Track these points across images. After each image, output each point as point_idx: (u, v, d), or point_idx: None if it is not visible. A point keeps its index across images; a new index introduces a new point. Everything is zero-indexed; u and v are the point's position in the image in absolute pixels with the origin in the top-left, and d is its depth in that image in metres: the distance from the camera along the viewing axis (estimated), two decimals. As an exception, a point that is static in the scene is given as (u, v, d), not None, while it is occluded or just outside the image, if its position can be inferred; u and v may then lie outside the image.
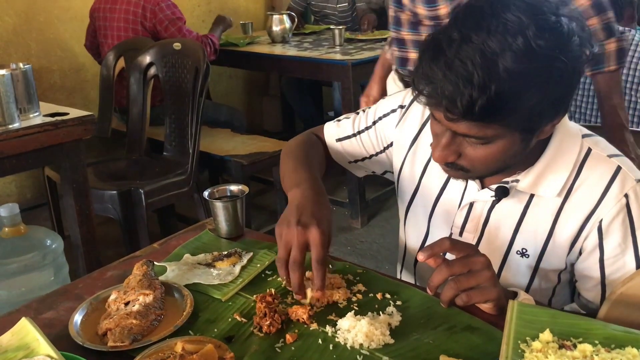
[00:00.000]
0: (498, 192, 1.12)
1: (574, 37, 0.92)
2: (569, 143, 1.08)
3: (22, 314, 1.00)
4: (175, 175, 2.77)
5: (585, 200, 1.07)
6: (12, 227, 2.01)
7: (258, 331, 1.00)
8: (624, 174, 1.06)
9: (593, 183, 1.07)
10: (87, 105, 3.76)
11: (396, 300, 1.07)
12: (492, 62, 0.88)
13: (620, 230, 1.06)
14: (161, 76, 2.90)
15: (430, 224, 1.25)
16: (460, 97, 0.89)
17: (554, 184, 1.08)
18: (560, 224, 1.10)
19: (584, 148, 1.09)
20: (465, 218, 1.18)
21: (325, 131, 1.40)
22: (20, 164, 2.05)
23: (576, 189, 1.08)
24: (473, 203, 1.17)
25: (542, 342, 0.86)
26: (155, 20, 3.21)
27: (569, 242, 1.10)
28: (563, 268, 1.14)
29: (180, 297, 1.09)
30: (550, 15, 0.91)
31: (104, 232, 2.96)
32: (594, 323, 0.92)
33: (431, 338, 0.97)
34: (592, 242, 1.08)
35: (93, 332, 1.02)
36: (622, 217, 1.05)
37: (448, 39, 0.92)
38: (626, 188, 1.05)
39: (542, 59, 0.89)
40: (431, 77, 0.92)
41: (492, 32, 0.89)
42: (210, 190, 1.35)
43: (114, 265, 1.25)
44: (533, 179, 1.09)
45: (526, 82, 0.89)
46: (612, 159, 1.08)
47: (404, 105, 1.29)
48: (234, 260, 1.21)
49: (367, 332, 0.96)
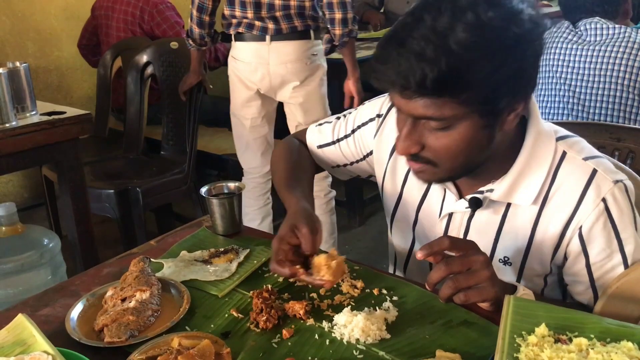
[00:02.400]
0: (471, 203, 1.10)
1: (524, 12, 0.93)
2: (542, 148, 1.06)
3: (18, 311, 1.01)
4: (172, 174, 2.77)
5: (563, 207, 1.05)
6: (10, 226, 2.01)
7: (255, 327, 1.01)
8: (600, 177, 1.04)
9: (569, 188, 1.05)
10: (84, 104, 3.76)
11: (393, 296, 1.08)
12: (443, 36, 0.89)
13: (602, 235, 1.03)
14: (158, 75, 2.90)
15: (415, 232, 1.25)
16: (412, 73, 0.90)
17: (528, 191, 1.06)
18: (540, 232, 1.08)
19: (559, 152, 1.07)
20: (445, 229, 1.17)
21: (307, 137, 1.39)
22: (17, 163, 2.05)
23: (552, 195, 1.06)
24: (452, 214, 1.15)
25: (538, 336, 0.86)
26: (153, 23, 3.21)
27: (551, 249, 1.09)
28: (548, 272, 1.13)
29: (177, 294, 1.09)
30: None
31: (102, 231, 2.95)
32: (589, 317, 0.92)
33: (427, 333, 0.97)
34: (576, 248, 1.06)
35: (90, 328, 1.02)
36: (602, 221, 1.03)
37: (402, 23, 0.95)
38: (603, 192, 1.03)
39: (492, 30, 0.90)
40: (385, 57, 0.94)
41: (442, 11, 0.91)
42: (207, 187, 1.35)
43: (110, 262, 1.25)
44: (507, 188, 1.07)
45: (477, 54, 0.90)
46: (587, 162, 1.05)
47: (381, 114, 1.28)
48: (231, 256, 1.21)
49: (363, 327, 0.96)
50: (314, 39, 2.52)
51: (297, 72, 2.50)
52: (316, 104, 2.60)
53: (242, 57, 2.54)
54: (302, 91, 2.55)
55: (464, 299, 0.96)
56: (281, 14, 2.43)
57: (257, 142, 2.69)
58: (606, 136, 1.64)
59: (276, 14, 2.43)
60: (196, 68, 2.74)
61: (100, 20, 3.34)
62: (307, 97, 2.57)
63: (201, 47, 2.65)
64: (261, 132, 2.69)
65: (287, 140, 1.42)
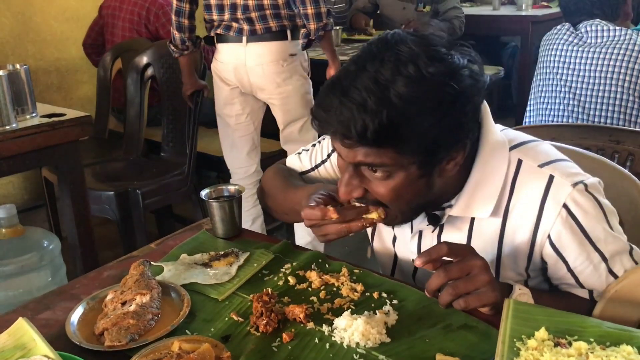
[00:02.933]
0: (430, 219, 1.12)
1: (464, 69, 0.96)
2: (495, 159, 1.06)
3: (18, 314, 1.01)
4: (172, 176, 2.77)
5: (525, 217, 1.06)
6: (10, 228, 2.01)
7: (255, 330, 1.01)
8: (557, 182, 1.03)
9: (528, 198, 1.05)
10: (84, 106, 3.76)
11: (392, 299, 1.08)
12: (385, 88, 0.91)
13: (574, 241, 1.03)
14: (158, 77, 2.91)
15: (395, 247, 1.26)
16: (354, 123, 0.92)
17: (485, 204, 1.07)
18: (507, 243, 1.09)
19: (513, 161, 1.07)
20: (417, 246, 1.18)
21: (288, 164, 1.41)
22: (17, 165, 2.05)
23: (513, 206, 1.07)
24: (421, 232, 1.17)
25: (537, 340, 0.87)
26: (159, 24, 3.22)
27: (524, 257, 1.09)
28: (526, 278, 1.13)
29: (177, 297, 1.10)
30: (441, 47, 0.96)
31: (102, 233, 2.95)
32: (589, 321, 0.92)
33: (427, 337, 0.97)
34: (551, 253, 1.06)
35: (90, 332, 1.02)
36: (569, 228, 1.03)
37: (346, 72, 0.97)
38: (563, 198, 1.02)
39: (432, 84, 0.92)
40: (328, 106, 0.95)
41: (385, 62, 0.93)
42: (207, 190, 1.35)
43: (110, 266, 1.26)
44: (464, 203, 1.08)
45: (417, 107, 0.92)
46: (543, 169, 1.05)
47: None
48: (231, 260, 1.21)
49: (363, 331, 0.96)
50: (291, 39, 2.55)
51: (273, 72, 2.54)
52: (296, 105, 2.63)
53: (221, 58, 2.60)
54: (280, 91, 2.59)
55: (464, 305, 0.95)
56: (256, 15, 2.46)
57: (242, 140, 2.71)
58: (605, 139, 1.64)
59: (251, 14, 2.47)
60: (186, 77, 2.75)
61: (106, 20, 3.35)
62: (286, 97, 2.60)
63: (183, 52, 2.67)
64: (246, 130, 2.71)
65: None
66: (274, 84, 2.55)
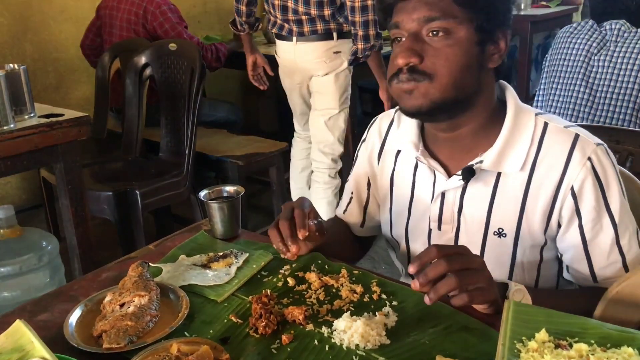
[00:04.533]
0: (465, 173, 1.15)
1: None
2: (524, 120, 1.14)
3: (16, 316, 1.00)
4: (171, 176, 2.76)
5: (551, 171, 1.11)
6: (8, 229, 2.01)
7: (254, 332, 1.00)
8: (582, 140, 1.11)
9: (555, 153, 1.11)
10: (82, 106, 3.75)
11: (392, 301, 1.07)
12: None
13: (592, 192, 1.09)
14: (157, 77, 2.90)
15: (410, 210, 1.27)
16: None
17: (516, 158, 1.13)
18: (531, 198, 1.13)
19: (540, 123, 1.14)
20: (440, 209, 1.20)
21: (336, 212, 1.46)
22: (15, 166, 2.05)
23: (540, 161, 1.12)
24: (444, 193, 1.19)
25: (538, 341, 0.86)
26: (156, 23, 3.21)
27: (544, 215, 1.13)
28: (543, 243, 1.16)
29: (176, 299, 1.09)
30: None
31: (100, 233, 2.95)
32: (589, 322, 0.91)
33: (427, 338, 0.97)
34: (569, 209, 1.11)
35: (88, 334, 1.01)
36: (591, 180, 1.09)
37: None
38: (588, 152, 1.10)
39: None
40: None
41: None
42: (206, 191, 1.35)
43: (109, 267, 1.25)
44: (495, 157, 1.13)
45: None
46: (569, 129, 1.13)
47: (364, 139, 1.37)
48: (230, 261, 1.21)
49: (363, 332, 0.96)
50: (336, 39, 2.77)
51: (317, 68, 2.81)
52: (327, 94, 2.87)
53: (278, 52, 2.96)
54: (319, 82, 2.86)
55: (468, 299, 0.94)
56: (306, 18, 2.72)
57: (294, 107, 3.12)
58: (605, 139, 1.62)
59: (301, 17, 2.72)
60: (247, 49, 3.10)
61: (104, 20, 3.34)
62: (322, 86, 2.86)
63: (240, 32, 3.04)
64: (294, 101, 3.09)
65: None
66: (317, 75, 2.83)
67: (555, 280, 1.24)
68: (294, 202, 1.17)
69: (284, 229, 1.11)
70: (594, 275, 1.13)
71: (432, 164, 1.19)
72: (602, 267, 1.12)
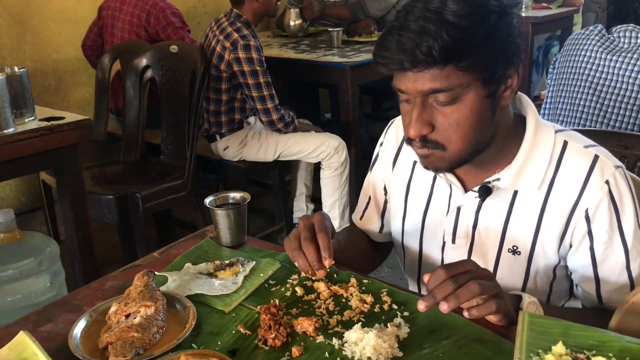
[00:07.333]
0: (481, 192, 1.14)
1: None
2: (543, 137, 1.12)
3: (20, 327, 0.98)
4: (172, 179, 2.73)
5: (568, 191, 1.09)
6: (8, 233, 1.98)
7: (263, 344, 0.98)
8: (602, 162, 1.09)
9: (573, 174, 1.09)
10: (82, 107, 3.73)
11: (403, 311, 1.05)
12: (438, 12, 0.98)
13: (606, 215, 1.08)
14: (158, 79, 2.88)
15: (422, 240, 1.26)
16: (418, 47, 0.97)
17: (534, 177, 1.11)
18: (547, 218, 1.11)
19: (559, 142, 1.12)
20: (454, 224, 1.19)
21: (352, 218, 1.45)
22: (16, 170, 2.02)
23: (558, 181, 1.10)
24: (460, 207, 1.18)
25: (555, 354, 0.85)
26: (159, 27, 3.20)
27: (558, 235, 1.12)
28: (557, 262, 1.15)
29: (182, 309, 1.07)
30: None
31: (101, 237, 2.92)
32: (608, 335, 0.90)
33: (441, 350, 0.95)
34: (581, 231, 1.10)
35: (93, 345, 0.99)
36: (606, 203, 1.07)
37: (397, 16, 1.04)
38: (606, 175, 1.08)
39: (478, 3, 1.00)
40: (389, 45, 1.01)
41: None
42: (211, 197, 1.32)
43: (113, 275, 1.23)
44: (514, 175, 1.11)
45: (472, 21, 0.98)
46: (588, 149, 1.11)
47: (381, 142, 1.35)
48: (236, 269, 1.19)
49: (375, 345, 0.93)
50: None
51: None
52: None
53: None
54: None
55: (477, 313, 0.93)
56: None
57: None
58: (614, 144, 1.63)
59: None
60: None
61: (106, 20, 3.32)
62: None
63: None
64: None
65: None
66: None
67: (567, 295, 1.23)
68: (315, 219, 1.12)
69: (309, 252, 1.07)
70: (599, 297, 1.11)
71: (449, 178, 1.18)
72: (609, 290, 1.10)
